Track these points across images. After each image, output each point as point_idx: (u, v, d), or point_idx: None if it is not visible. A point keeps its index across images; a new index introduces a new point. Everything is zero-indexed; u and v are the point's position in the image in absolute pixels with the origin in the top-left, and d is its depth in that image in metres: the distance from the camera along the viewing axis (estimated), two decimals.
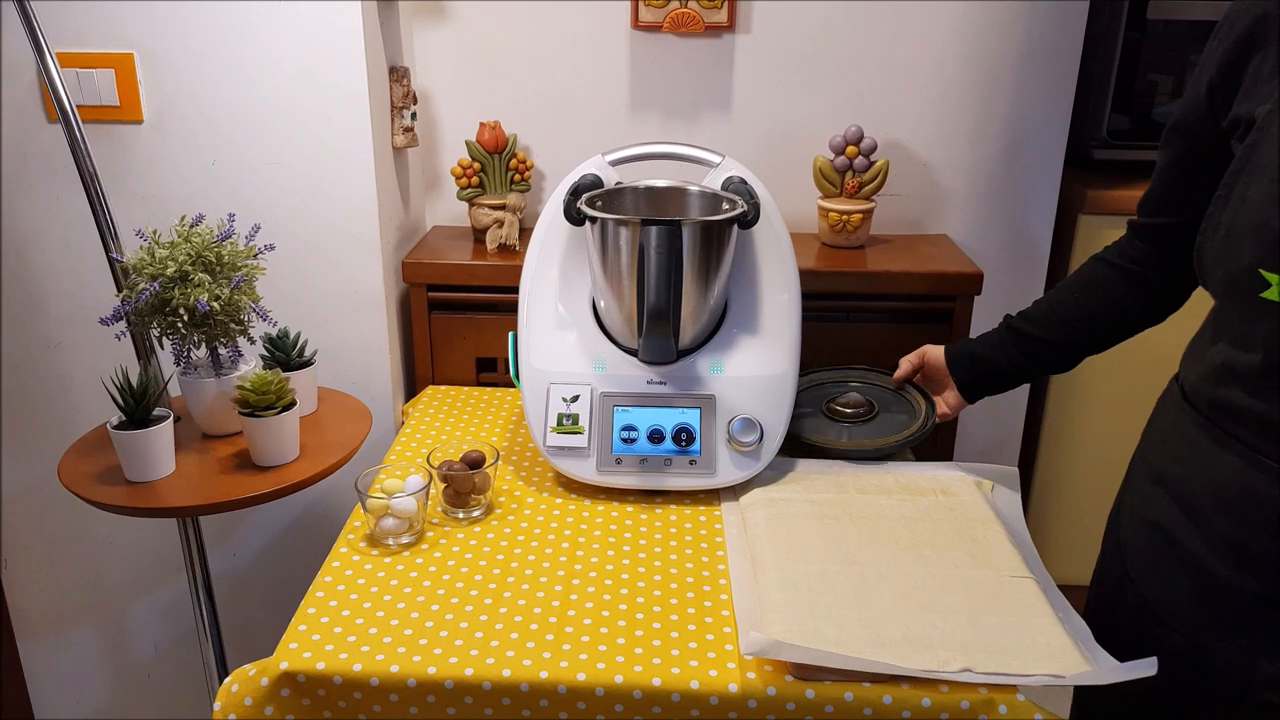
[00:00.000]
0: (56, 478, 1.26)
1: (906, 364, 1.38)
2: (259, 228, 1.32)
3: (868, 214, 1.66)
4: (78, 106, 1.28)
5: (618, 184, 1.31)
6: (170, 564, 1.72)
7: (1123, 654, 0.92)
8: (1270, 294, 0.79)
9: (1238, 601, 0.88)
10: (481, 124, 1.66)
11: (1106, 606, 1.04)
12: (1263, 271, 0.79)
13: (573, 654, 0.96)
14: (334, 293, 1.54)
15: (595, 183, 1.29)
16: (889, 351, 1.62)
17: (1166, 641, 0.94)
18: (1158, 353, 1.86)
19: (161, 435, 1.22)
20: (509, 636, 0.98)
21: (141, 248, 1.25)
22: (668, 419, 1.24)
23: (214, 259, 1.24)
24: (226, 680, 0.96)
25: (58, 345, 1.58)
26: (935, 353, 1.33)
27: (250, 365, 1.34)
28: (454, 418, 1.48)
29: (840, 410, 1.37)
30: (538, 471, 1.32)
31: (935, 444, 1.66)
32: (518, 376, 1.29)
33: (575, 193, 1.26)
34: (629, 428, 1.24)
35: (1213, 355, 0.92)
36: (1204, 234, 0.88)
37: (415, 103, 1.61)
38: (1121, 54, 1.66)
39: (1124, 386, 1.90)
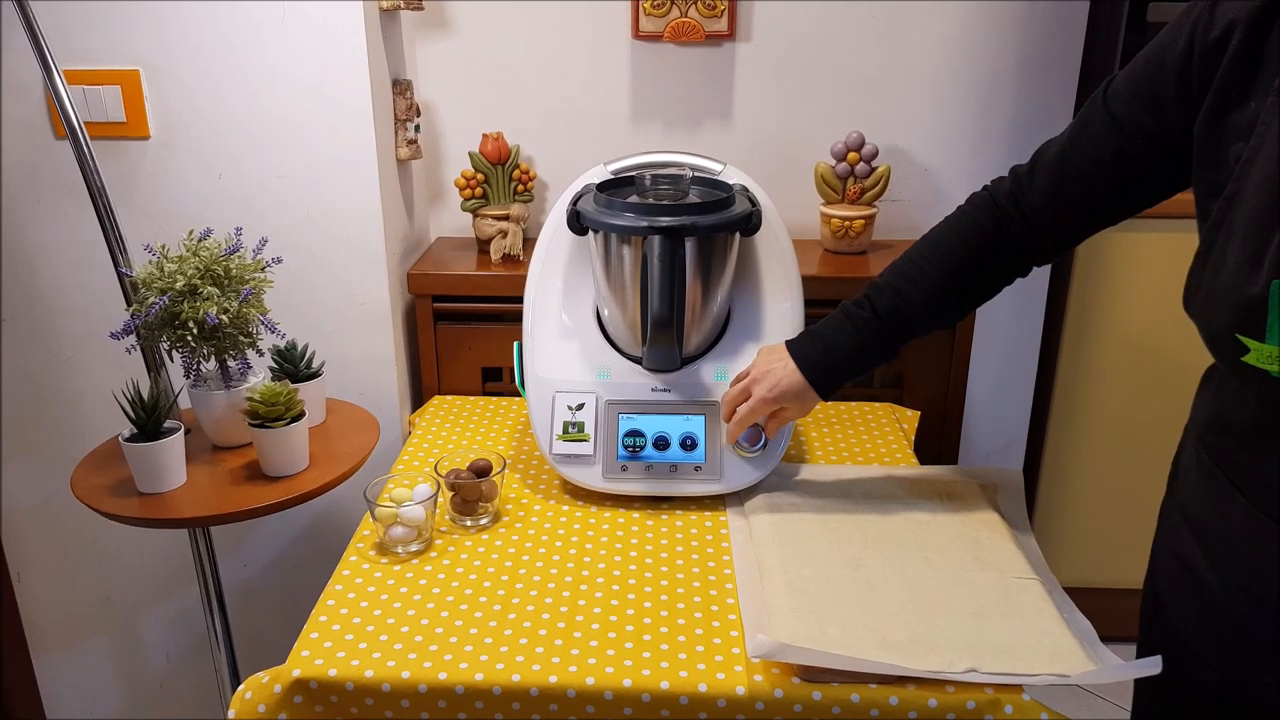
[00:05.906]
0: (69, 491, 1.28)
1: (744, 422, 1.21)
2: (266, 241, 1.34)
3: (870, 219, 1.67)
4: (85, 123, 1.30)
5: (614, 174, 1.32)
6: (181, 575, 1.73)
7: (1157, 684, 0.90)
8: (1251, 359, 0.75)
9: (1258, 640, 0.86)
10: (484, 135, 1.67)
11: (1147, 636, 1.02)
12: (1240, 337, 0.76)
13: (581, 658, 0.97)
14: (341, 304, 1.56)
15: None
16: None
17: (1197, 674, 0.92)
18: (1165, 356, 1.87)
19: (173, 447, 1.23)
20: (518, 641, 0.99)
21: (150, 262, 1.26)
22: (673, 426, 1.25)
23: (222, 272, 1.25)
24: (240, 687, 0.97)
25: (68, 360, 1.59)
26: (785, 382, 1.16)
27: (259, 377, 1.35)
28: (460, 427, 1.49)
29: None
30: (544, 479, 1.33)
31: (941, 449, 1.67)
32: (523, 385, 1.30)
33: (577, 202, 1.27)
34: (634, 434, 1.25)
35: (1212, 405, 0.91)
36: (1188, 289, 0.84)
37: (418, 115, 1.62)
38: (1122, 56, 1.67)
39: (1130, 390, 1.90)
